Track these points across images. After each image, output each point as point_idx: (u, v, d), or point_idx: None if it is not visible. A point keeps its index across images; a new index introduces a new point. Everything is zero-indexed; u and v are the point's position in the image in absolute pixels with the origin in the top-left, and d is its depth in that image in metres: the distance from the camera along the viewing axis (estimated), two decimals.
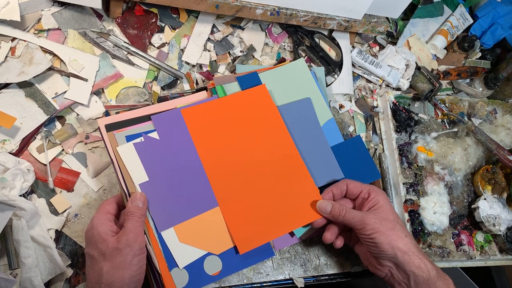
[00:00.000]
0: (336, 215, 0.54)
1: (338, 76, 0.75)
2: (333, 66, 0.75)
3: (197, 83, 0.68)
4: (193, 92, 0.62)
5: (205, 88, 0.62)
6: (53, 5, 0.62)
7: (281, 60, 0.70)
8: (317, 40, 0.76)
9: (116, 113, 0.57)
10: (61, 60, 0.60)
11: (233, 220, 0.54)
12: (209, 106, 0.58)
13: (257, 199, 0.56)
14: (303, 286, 0.61)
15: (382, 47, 0.82)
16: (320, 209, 0.56)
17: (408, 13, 0.85)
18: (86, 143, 0.59)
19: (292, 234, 0.59)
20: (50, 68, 0.59)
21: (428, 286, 0.51)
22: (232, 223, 0.54)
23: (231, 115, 0.58)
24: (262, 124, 0.59)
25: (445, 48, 0.86)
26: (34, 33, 0.60)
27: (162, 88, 0.66)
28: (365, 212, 0.54)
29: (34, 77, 0.57)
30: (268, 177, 0.57)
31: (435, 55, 0.85)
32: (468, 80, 0.88)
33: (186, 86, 0.67)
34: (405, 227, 0.55)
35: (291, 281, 0.61)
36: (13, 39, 0.59)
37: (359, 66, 0.77)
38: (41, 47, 0.60)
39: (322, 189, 0.59)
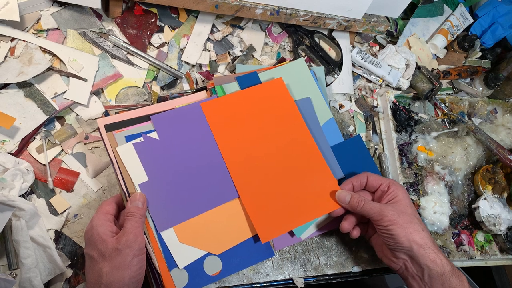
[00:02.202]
0: (354, 206, 0.55)
1: (338, 75, 0.75)
2: (333, 66, 0.74)
3: (196, 83, 0.67)
4: (192, 92, 0.62)
5: (204, 88, 0.62)
6: (52, 5, 0.62)
7: (281, 60, 0.70)
8: (317, 39, 0.76)
9: (116, 113, 0.56)
10: (61, 60, 0.60)
11: (254, 210, 0.55)
12: (228, 99, 0.59)
13: (277, 189, 0.57)
14: (303, 286, 0.61)
15: (382, 47, 0.82)
16: (339, 199, 0.57)
17: (408, 13, 0.84)
18: (85, 143, 0.59)
19: (292, 234, 0.59)
20: (50, 68, 0.59)
21: (441, 281, 0.51)
22: (253, 213, 0.55)
23: (249, 108, 0.59)
24: (280, 116, 0.60)
25: (445, 48, 0.85)
26: (34, 33, 0.60)
27: (162, 88, 0.66)
28: (384, 204, 0.55)
29: (34, 77, 0.57)
30: (287, 168, 0.58)
31: (435, 54, 0.85)
32: (468, 80, 0.88)
33: (186, 86, 0.67)
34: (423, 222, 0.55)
35: (291, 281, 0.61)
36: (13, 39, 0.58)
37: (359, 66, 0.77)
38: (40, 47, 0.59)
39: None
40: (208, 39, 0.69)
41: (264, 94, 0.61)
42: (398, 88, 0.79)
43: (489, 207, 0.71)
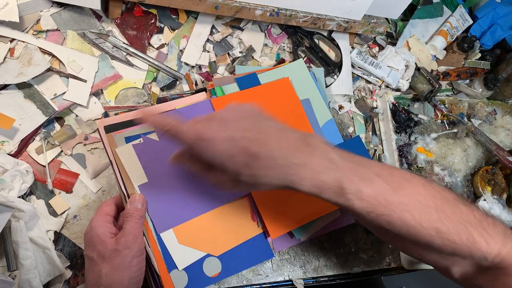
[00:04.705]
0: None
1: (337, 77, 0.75)
2: (333, 67, 0.74)
3: (196, 84, 0.67)
4: (192, 93, 0.62)
5: (204, 89, 0.62)
6: (52, 6, 0.62)
7: (280, 61, 0.70)
8: (316, 40, 0.76)
9: (115, 114, 0.56)
10: (60, 61, 0.60)
11: (264, 206, 0.56)
12: (238, 96, 0.59)
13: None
14: (302, 287, 0.61)
15: (381, 48, 0.82)
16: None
17: (408, 14, 0.84)
18: (85, 144, 0.59)
19: (291, 235, 0.59)
20: (49, 69, 0.59)
21: None
22: (263, 209, 0.56)
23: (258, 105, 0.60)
24: (287, 115, 0.61)
25: (445, 49, 0.86)
26: (33, 34, 0.60)
27: (161, 89, 0.66)
28: None
29: (33, 78, 0.57)
30: None
31: (435, 55, 0.85)
32: (467, 81, 0.88)
33: (185, 87, 0.67)
34: None
35: (291, 283, 0.61)
36: (12, 40, 0.58)
37: (358, 67, 0.77)
38: (40, 48, 0.59)
39: None
40: (208, 40, 0.69)
41: (271, 92, 0.61)
42: (397, 89, 0.79)
43: (488, 208, 0.71)
